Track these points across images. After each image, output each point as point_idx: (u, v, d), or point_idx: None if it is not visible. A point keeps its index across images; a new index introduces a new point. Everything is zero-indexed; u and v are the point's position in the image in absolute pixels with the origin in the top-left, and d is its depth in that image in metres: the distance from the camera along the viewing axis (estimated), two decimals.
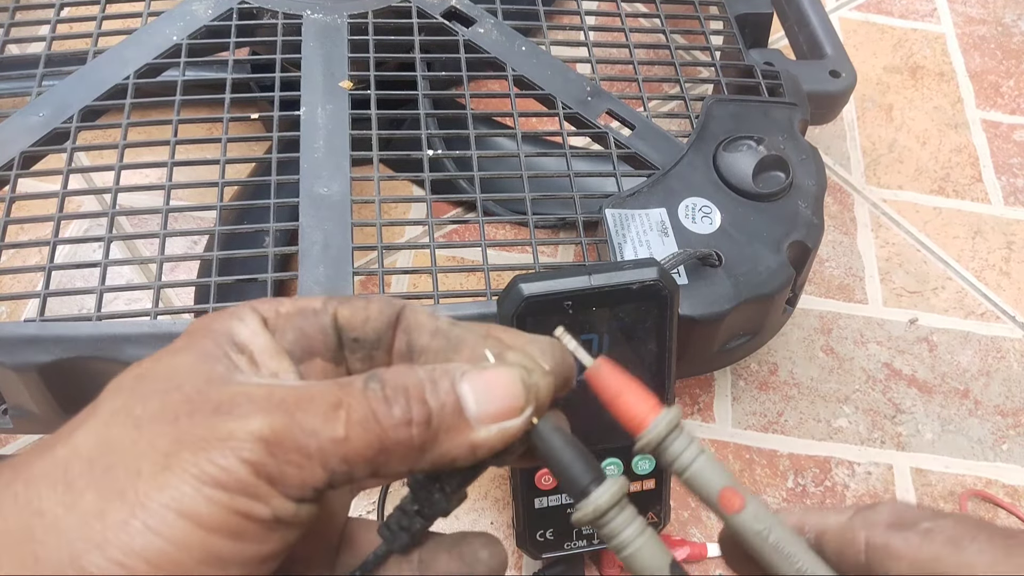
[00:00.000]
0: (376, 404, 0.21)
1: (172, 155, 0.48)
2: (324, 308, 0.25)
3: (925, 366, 0.60)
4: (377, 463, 0.21)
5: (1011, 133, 0.74)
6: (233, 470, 0.20)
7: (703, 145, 0.51)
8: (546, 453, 0.23)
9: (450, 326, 0.25)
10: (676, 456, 0.23)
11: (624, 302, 0.39)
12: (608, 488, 0.23)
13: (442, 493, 0.24)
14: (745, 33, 0.60)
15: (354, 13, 0.55)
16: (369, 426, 0.21)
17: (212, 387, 0.21)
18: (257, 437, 0.20)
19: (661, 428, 0.23)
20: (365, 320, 0.25)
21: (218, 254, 0.45)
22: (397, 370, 0.22)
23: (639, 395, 0.24)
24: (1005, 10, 0.85)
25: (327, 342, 0.25)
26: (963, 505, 0.53)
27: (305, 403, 0.21)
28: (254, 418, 0.20)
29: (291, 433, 0.20)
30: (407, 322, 0.25)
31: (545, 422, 0.23)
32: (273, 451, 0.20)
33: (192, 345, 0.23)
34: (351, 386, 0.22)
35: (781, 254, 0.46)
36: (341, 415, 0.21)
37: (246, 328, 0.24)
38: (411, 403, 0.21)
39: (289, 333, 0.24)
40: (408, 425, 0.21)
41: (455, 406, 0.22)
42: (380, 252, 0.45)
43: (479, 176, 0.49)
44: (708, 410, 0.57)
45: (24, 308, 0.59)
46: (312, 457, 0.20)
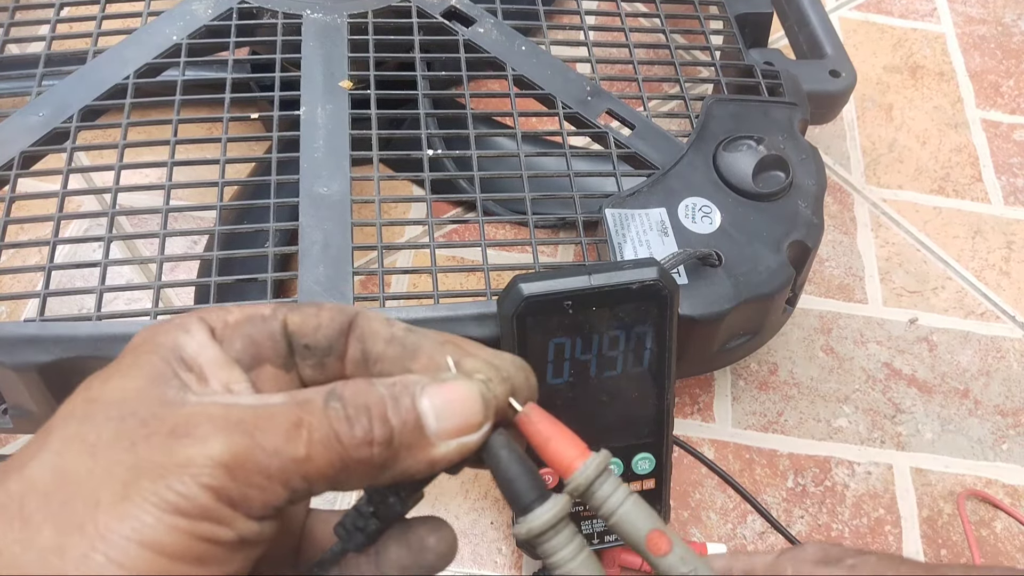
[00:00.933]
0: (338, 424, 0.21)
1: (172, 155, 0.48)
2: (273, 315, 0.24)
3: (925, 366, 0.60)
4: (338, 480, 0.21)
5: (1011, 133, 0.74)
6: (194, 497, 0.19)
7: (703, 145, 0.51)
8: (495, 468, 0.23)
9: (406, 333, 0.24)
10: (604, 499, 0.24)
11: (624, 302, 0.39)
12: (549, 508, 0.23)
13: (397, 497, 0.24)
14: (745, 33, 0.60)
15: (354, 13, 0.55)
16: (331, 445, 0.21)
17: (167, 409, 0.21)
18: (217, 462, 0.20)
19: (590, 472, 0.24)
20: (316, 327, 0.24)
21: (218, 254, 0.45)
22: (356, 386, 0.22)
23: (568, 441, 0.24)
24: (1005, 10, 0.85)
25: (277, 349, 0.24)
26: (960, 505, 0.53)
27: (265, 422, 0.21)
28: (213, 441, 0.20)
29: (252, 455, 0.20)
30: (361, 329, 0.25)
31: (497, 437, 0.23)
32: (234, 474, 0.20)
33: (140, 363, 0.22)
34: (311, 404, 0.21)
35: (781, 254, 0.46)
36: (303, 434, 0.21)
37: (193, 340, 0.23)
38: (373, 422, 0.21)
39: (237, 341, 0.24)
40: (370, 445, 0.21)
41: (416, 424, 0.22)
42: (380, 252, 0.45)
43: (479, 176, 0.49)
44: (708, 410, 0.57)
45: (24, 308, 0.59)
46: (273, 477, 0.20)
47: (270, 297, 0.43)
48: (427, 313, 0.42)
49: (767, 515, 0.52)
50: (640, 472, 0.43)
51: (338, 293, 0.42)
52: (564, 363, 0.40)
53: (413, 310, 0.42)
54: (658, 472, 0.43)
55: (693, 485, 0.54)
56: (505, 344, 0.39)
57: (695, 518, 0.52)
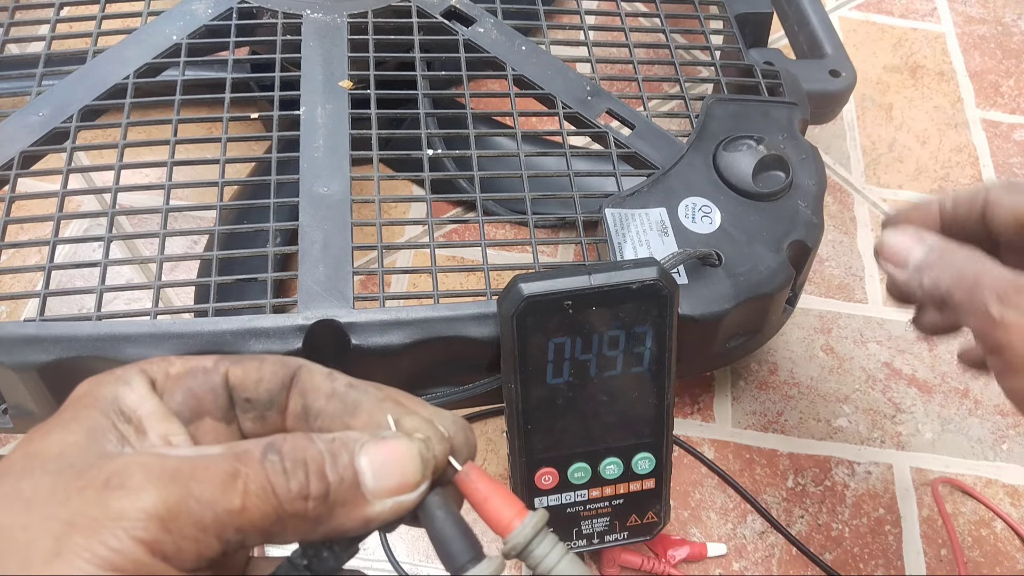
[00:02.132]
0: (274, 477, 0.21)
1: (172, 154, 0.48)
2: (215, 368, 0.25)
3: (925, 366, 0.60)
4: (271, 533, 0.21)
5: (1011, 132, 0.74)
6: (127, 551, 0.19)
7: (703, 145, 0.51)
8: (430, 527, 0.24)
9: (347, 389, 0.25)
10: (541, 559, 0.24)
11: (624, 302, 0.39)
12: (483, 569, 0.23)
13: (331, 552, 0.24)
14: (745, 32, 0.60)
15: (354, 13, 0.55)
16: (266, 498, 0.21)
17: (103, 461, 0.21)
18: (151, 514, 0.20)
19: (528, 531, 0.24)
20: (258, 381, 0.25)
21: (218, 254, 0.45)
22: (295, 441, 0.22)
23: (506, 500, 0.25)
24: (1005, 9, 0.85)
25: (218, 402, 0.24)
26: (935, 491, 0.53)
27: (200, 473, 0.21)
28: (146, 492, 0.20)
29: (186, 506, 0.20)
30: (303, 384, 0.25)
31: (433, 497, 0.24)
32: (168, 527, 0.20)
33: (79, 417, 0.22)
34: (248, 456, 0.21)
35: (781, 254, 0.46)
36: (239, 486, 0.21)
37: (132, 393, 0.23)
38: (310, 477, 0.21)
39: (178, 394, 0.24)
40: (305, 499, 0.21)
41: (353, 481, 0.22)
42: (380, 252, 0.45)
43: (479, 176, 0.49)
44: (708, 410, 0.57)
45: (24, 308, 0.59)
46: (208, 529, 0.20)
47: (270, 296, 0.43)
48: (427, 313, 0.42)
49: (767, 515, 0.52)
50: (640, 472, 0.43)
51: (338, 293, 0.42)
52: (564, 363, 0.40)
53: (413, 310, 0.42)
54: (658, 472, 0.43)
55: (693, 485, 0.54)
56: (505, 343, 0.39)
57: (695, 518, 0.52)
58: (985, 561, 0.51)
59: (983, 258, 0.35)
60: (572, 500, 0.43)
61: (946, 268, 0.35)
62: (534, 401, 0.40)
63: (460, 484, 0.25)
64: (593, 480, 0.43)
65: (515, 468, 0.42)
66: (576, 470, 0.42)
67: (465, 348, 0.42)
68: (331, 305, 0.42)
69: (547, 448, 0.42)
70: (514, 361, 0.39)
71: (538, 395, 0.40)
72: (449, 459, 0.24)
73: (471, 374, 0.43)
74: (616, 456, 0.43)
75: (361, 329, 0.41)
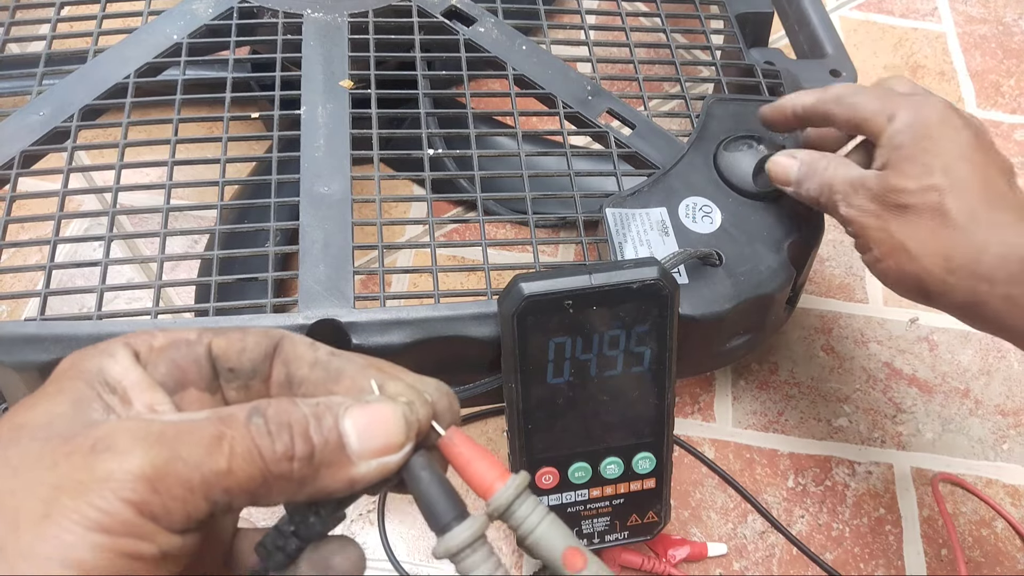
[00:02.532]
0: (259, 438, 0.21)
1: (172, 154, 0.48)
2: (199, 339, 0.25)
3: (925, 365, 0.60)
4: (258, 494, 0.22)
5: (1012, 133, 0.74)
6: (115, 512, 0.19)
7: (703, 144, 0.51)
8: (415, 488, 0.24)
9: (330, 357, 0.25)
10: (523, 519, 0.25)
11: (625, 301, 0.39)
12: (467, 527, 0.24)
13: (318, 517, 0.24)
14: (745, 32, 0.60)
15: (354, 12, 0.55)
16: (252, 459, 0.21)
17: (89, 428, 0.21)
18: (138, 475, 0.20)
19: (510, 492, 0.25)
20: (241, 351, 0.25)
21: (218, 253, 0.45)
22: (279, 405, 0.22)
23: (489, 463, 0.25)
24: (1006, 9, 0.85)
25: (201, 372, 0.25)
26: (935, 488, 0.54)
27: (186, 436, 0.21)
28: (133, 455, 0.20)
29: (173, 467, 0.20)
30: (285, 353, 0.25)
31: (417, 458, 0.24)
32: (156, 487, 0.20)
33: (64, 389, 0.23)
34: (233, 419, 0.22)
35: (781, 253, 0.46)
36: (224, 447, 0.21)
37: (116, 365, 0.23)
38: (294, 439, 0.22)
39: (162, 365, 0.24)
40: (290, 460, 0.22)
41: (337, 442, 0.22)
42: (380, 251, 0.45)
43: (479, 175, 0.49)
44: (708, 409, 0.57)
45: (25, 307, 0.59)
46: (195, 490, 0.20)
47: (271, 296, 0.43)
48: (428, 312, 0.42)
49: (767, 515, 0.52)
50: (640, 472, 0.43)
51: (338, 292, 0.43)
52: (564, 362, 0.40)
53: (414, 309, 0.42)
54: (658, 472, 0.43)
55: (693, 484, 0.54)
56: (505, 343, 0.39)
57: (695, 517, 0.52)
58: (986, 561, 0.51)
59: (837, 164, 0.42)
60: (572, 500, 0.43)
61: (812, 178, 0.43)
62: (534, 401, 0.40)
63: (443, 448, 0.25)
64: (593, 480, 0.43)
65: (515, 468, 0.42)
66: (576, 470, 0.42)
67: (466, 348, 0.42)
68: (332, 304, 0.42)
69: (547, 448, 0.42)
70: (514, 361, 0.39)
71: (538, 395, 0.40)
72: (432, 424, 0.25)
73: (472, 374, 0.43)
74: (616, 456, 0.43)
75: (362, 328, 0.41)
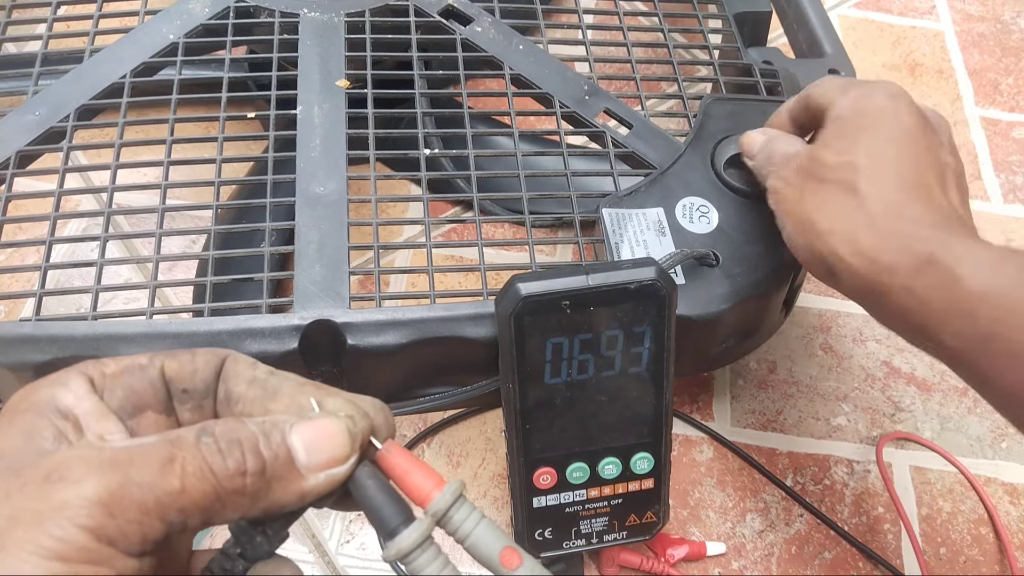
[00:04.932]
0: (210, 457, 0.22)
1: (169, 154, 0.48)
2: (150, 363, 0.25)
3: (924, 364, 0.60)
4: (212, 511, 0.22)
5: (1010, 131, 0.74)
6: (72, 540, 0.20)
7: (701, 144, 0.50)
8: (362, 496, 0.25)
9: (267, 375, 0.26)
10: (460, 524, 0.26)
11: (622, 302, 0.38)
12: (415, 529, 0.25)
13: (264, 536, 0.25)
14: (743, 31, 0.60)
15: (351, 12, 0.55)
16: (205, 477, 0.22)
17: (42, 459, 0.21)
18: (93, 501, 0.20)
19: (447, 498, 0.26)
20: (193, 372, 0.25)
21: (214, 253, 0.45)
22: (227, 424, 0.23)
23: (425, 473, 0.26)
24: (1004, 7, 0.85)
25: (157, 395, 0.25)
26: (879, 454, 0.54)
27: (138, 459, 0.21)
28: (87, 482, 0.20)
29: (128, 491, 0.21)
30: (226, 371, 0.26)
31: (363, 468, 0.25)
32: (111, 511, 0.20)
33: (15, 422, 0.23)
34: (182, 440, 0.22)
35: (779, 253, 0.46)
36: (176, 468, 0.21)
37: (69, 394, 0.24)
38: (245, 455, 0.22)
39: (118, 391, 0.25)
40: (243, 475, 0.22)
41: (287, 457, 0.23)
42: (376, 251, 0.45)
43: (476, 175, 0.49)
44: (707, 409, 0.57)
45: (21, 307, 0.59)
46: (150, 512, 0.21)
47: (266, 296, 0.43)
48: (424, 313, 0.42)
49: (781, 484, 0.52)
50: (639, 472, 0.43)
51: (334, 293, 0.42)
52: (562, 363, 0.39)
53: (410, 310, 0.42)
54: (657, 472, 0.43)
55: (692, 484, 0.54)
56: (503, 343, 0.39)
57: (694, 517, 0.52)
58: (985, 560, 0.51)
59: (784, 138, 0.43)
60: (571, 500, 0.43)
61: (764, 151, 0.43)
62: (532, 401, 0.40)
63: (381, 461, 0.26)
64: (592, 480, 0.43)
65: (513, 468, 0.42)
66: (575, 470, 0.42)
67: (462, 348, 0.42)
68: (327, 305, 0.42)
69: (545, 448, 0.42)
70: (512, 361, 0.39)
71: (536, 395, 0.40)
72: (371, 439, 0.26)
73: (468, 374, 0.43)
74: (615, 456, 0.42)
75: (357, 329, 0.41)
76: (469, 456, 0.54)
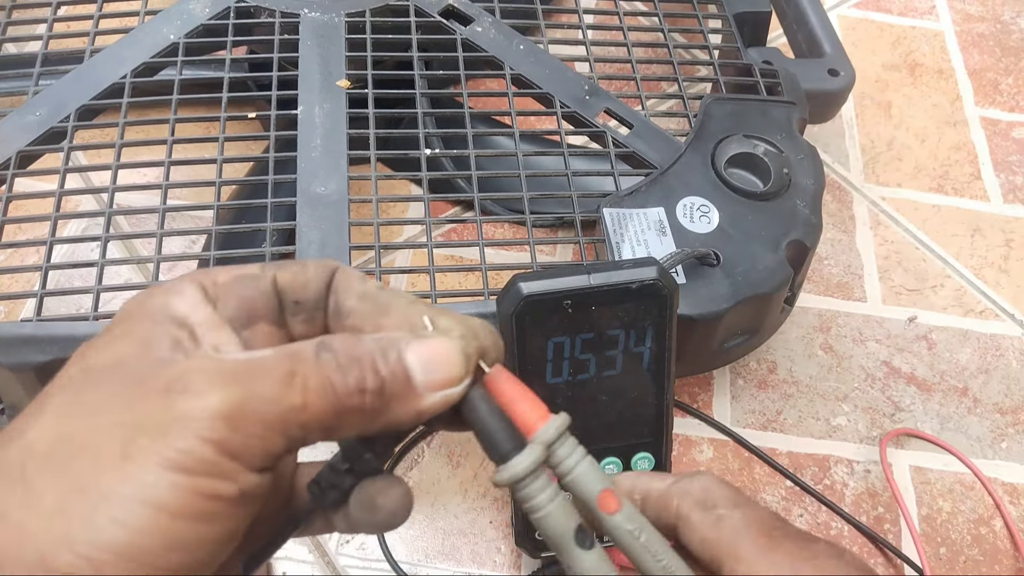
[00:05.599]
0: (331, 373, 0.22)
1: (169, 154, 0.48)
2: (263, 274, 0.25)
3: (924, 364, 0.60)
4: (331, 428, 0.22)
5: (1010, 130, 0.74)
6: (195, 452, 0.19)
7: (701, 144, 0.50)
8: (474, 420, 0.24)
9: (378, 291, 0.25)
10: (563, 459, 0.26)
11: (623, 301, 0.38)
12: (528, 455, 0.24)
13: (372, 453, 0.24)
14: (743, 32, 0.60)
15: (352, 12, 0.55)
16: (326, 393, 0.21)
17: (162, 368, 0.21)
18: (215, 413, 0.20)
19: (551, 432, 0.25)
20: (304, 283, 0.25)
21: (215, 254, 0.45)
22: (346, 340, 0.23)
23: (532, 403, 0.26)
24: (1004, 7, 0.85)
25: (269, 306, 0.25)
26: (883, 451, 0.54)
27: (259, 373, 0.21)
28: (210, 394, 0.20)
29: (250, 405, 0.20)
30: (336, 284, 0.25)
31: (476, 391, 0.24)
32: (234, 425, 0.20)
33: (132, 329, 0.23)
34: (302, 355, 0.22)
35: (779, 253, 0.46)
36: (297, 383, 0.21)
37: (184, 302, 0.23)
38: (365, 372, 0.22)
39: (231, 301, 0.24)
40: (363, 393, 0.22)
41: (404, 375, 0.23)
42: (377, 251, 0.45)
43: (477, 175, 0.49)
44: (707, 408, 0.57)
45: (21, 308, 0.59)
46: (272, 427, 0.21)
47: None
48: None
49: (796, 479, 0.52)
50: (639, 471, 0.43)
51: None
52: (563, 362, 0.40)
53: None
54: (657, 471, 0.43)
55: None
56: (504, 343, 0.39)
57: None
58: (985, 560, 0.51)
59: None
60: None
61: None
62: None
63: (489, 385, 0.25)
64: None
65: None
66: None
67: None
68: None
69: None
70: (513, 361, 0.39)
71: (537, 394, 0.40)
72: (479, 362, 0.25)
73: None
74: (615, 456, 0.42)
75: None
76: (469, 456, 0.54)
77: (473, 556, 0.50)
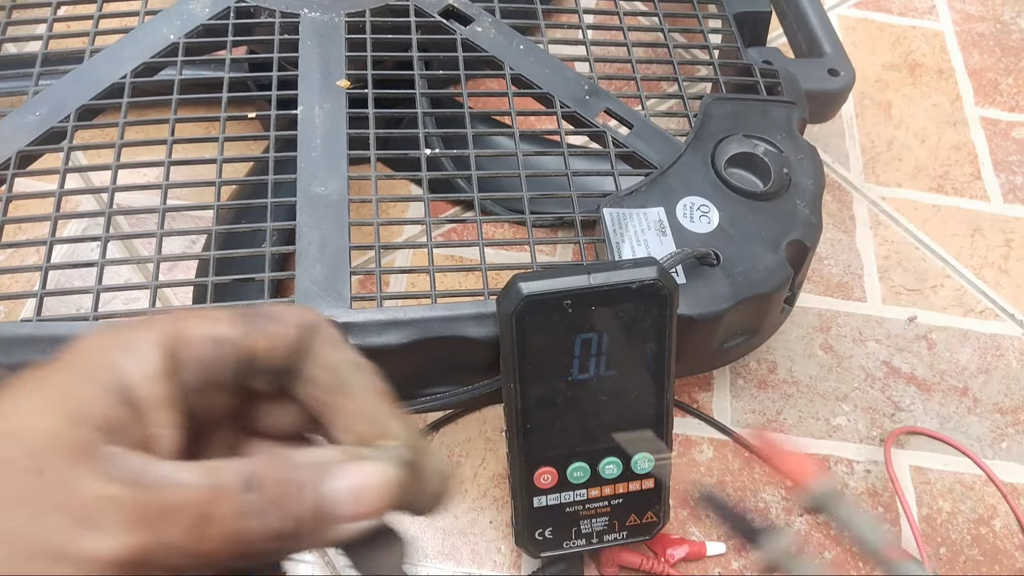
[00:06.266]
0: (249, 519, 0.21)
1: (169, 154, 0.48)
2: (241, 342, 0.24)
3: (924, 364, 0.60)
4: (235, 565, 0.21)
5: (1010, 130, 0.74)
6: None
7: (701, 144, 0.50)
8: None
9: (348, 368, 0.24)
10: None
11: (623, 301, 0.38)
12: None
13: None
14: (743, 31, 0.60)
15: (352, 12, 0.55)
16: (238, 543, 0.21)
17: (77, 478, 0.20)
18: (114, 561, 0.19)
19: None
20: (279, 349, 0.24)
21: (215, 254, 0.45)
22: (277, 472, 0.22)
23: None
24: (1003, 7, 0.85)
25: (234, 371, 0.24)
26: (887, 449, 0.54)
27: (172, 516, 0.20)
28: (116, 536, 0.20)
29: (155, 553, 0.20)
30: (312, 348, 0.24)
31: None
32: (134, 568, 0.20)
33: (68, 390, 0.21)
34: (224, 491, 0.21)
35: (779, 253, 0.46)
36: (210, 532, 0.21)
37: (137, 369, 0.22)
38: (285, 518, 0.21)
39: (194, 366, 0.23)
40: (277, 539, 0.21)
41: (324, 515, 0.22)
42: (377, 251, 0.45)
43: (477, 175, 0.49)
44: (707, 409, 0.57)
45: (21, 308, 0.59)
46: (175, 568, 0.20)
47: (267, 297, 0.43)
48: (425, 313, 0.42)
49: None
50: (639, 472, 0.43)
51: (335, 293, 0.42)
52: (563, 362, 0.40)
53: (411, 310, 0.42)
54: (657, 472, 0.43)
55: (692, 484, 0.54)
56: (504, 343, 0.39)
57: (694, 516, 0.52)
58: (985, 560, 0.51)
59: None
60: (571, 499, 0.43)
61: None
62: (533, 400, 0.40)
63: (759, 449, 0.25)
64: (592, 480, 0.43)
65: (514, 467, 0.42)
66: (575, 469, 0.42)
67: (463, 348, 0.42)
68: (328, 305, 0.42)
69: (546, 447, 0.42)
70: (513, 360, 0.39)
71: (537, 394, 0.40)
72: None
73: (469, 374, 0.43)
74: (615, 456, 0.42)
75: (359, 329, 0.41)
76: (469, 456, 0.54)
77: (473, 556, 0.50)
